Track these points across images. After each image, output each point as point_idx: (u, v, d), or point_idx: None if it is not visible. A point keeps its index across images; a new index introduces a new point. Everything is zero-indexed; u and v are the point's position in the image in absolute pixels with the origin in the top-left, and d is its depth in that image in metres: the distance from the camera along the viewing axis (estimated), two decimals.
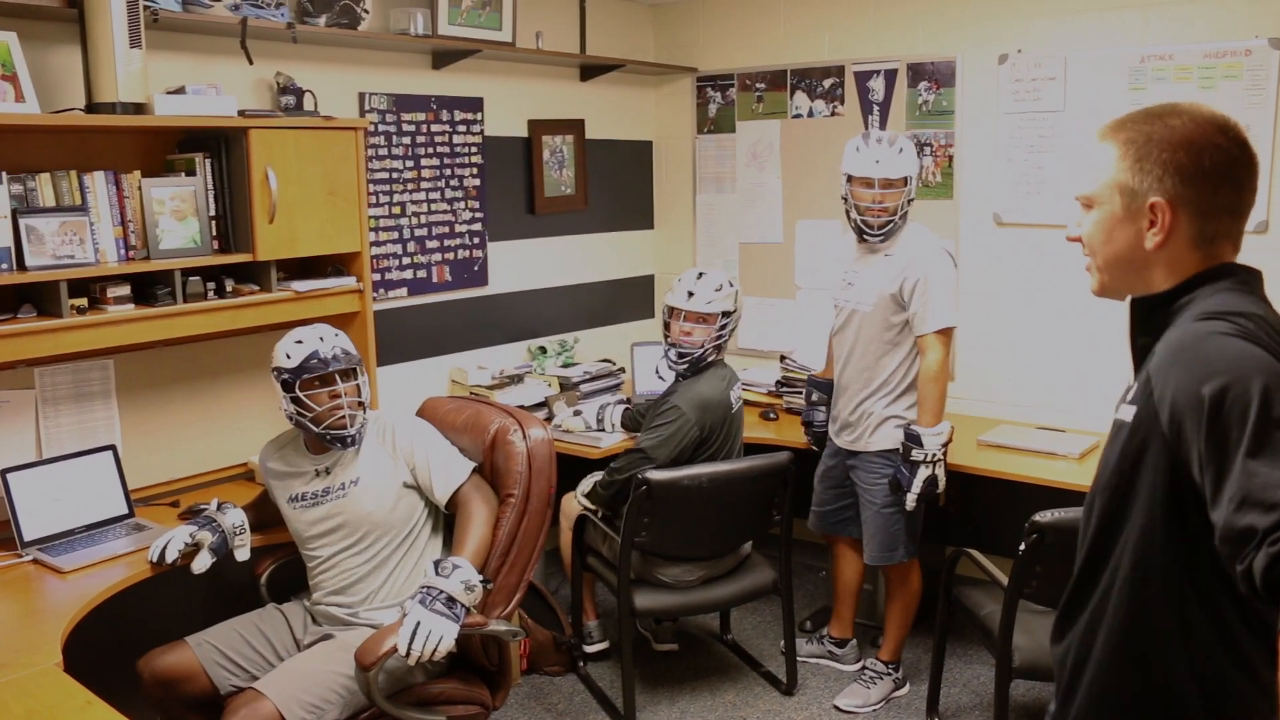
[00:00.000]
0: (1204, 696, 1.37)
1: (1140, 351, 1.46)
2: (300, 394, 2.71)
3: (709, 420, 3.45)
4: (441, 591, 2.47)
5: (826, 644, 3.89)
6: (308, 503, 2.81)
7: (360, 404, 2.79)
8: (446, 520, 2.88)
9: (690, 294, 3.56)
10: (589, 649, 3.87)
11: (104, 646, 2.66)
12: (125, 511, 3.06)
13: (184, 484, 3.34)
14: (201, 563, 2.73)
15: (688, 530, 3.38)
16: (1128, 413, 1.41)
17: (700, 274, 3.62)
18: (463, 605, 2.48)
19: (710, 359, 3.58)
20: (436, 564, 2.55)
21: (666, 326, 3.62)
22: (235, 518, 2.82)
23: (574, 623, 3.86)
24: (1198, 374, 1.26)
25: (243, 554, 2.82)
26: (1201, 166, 1.37)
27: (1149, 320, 1.46)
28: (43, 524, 2.90)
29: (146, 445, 3.30)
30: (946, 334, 3.37)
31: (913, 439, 3.34)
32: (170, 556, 2.71)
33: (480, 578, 2.54)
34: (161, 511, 3.12)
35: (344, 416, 2.73)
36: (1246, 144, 1.40)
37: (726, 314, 3.55)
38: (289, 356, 2.73)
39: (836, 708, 3.58)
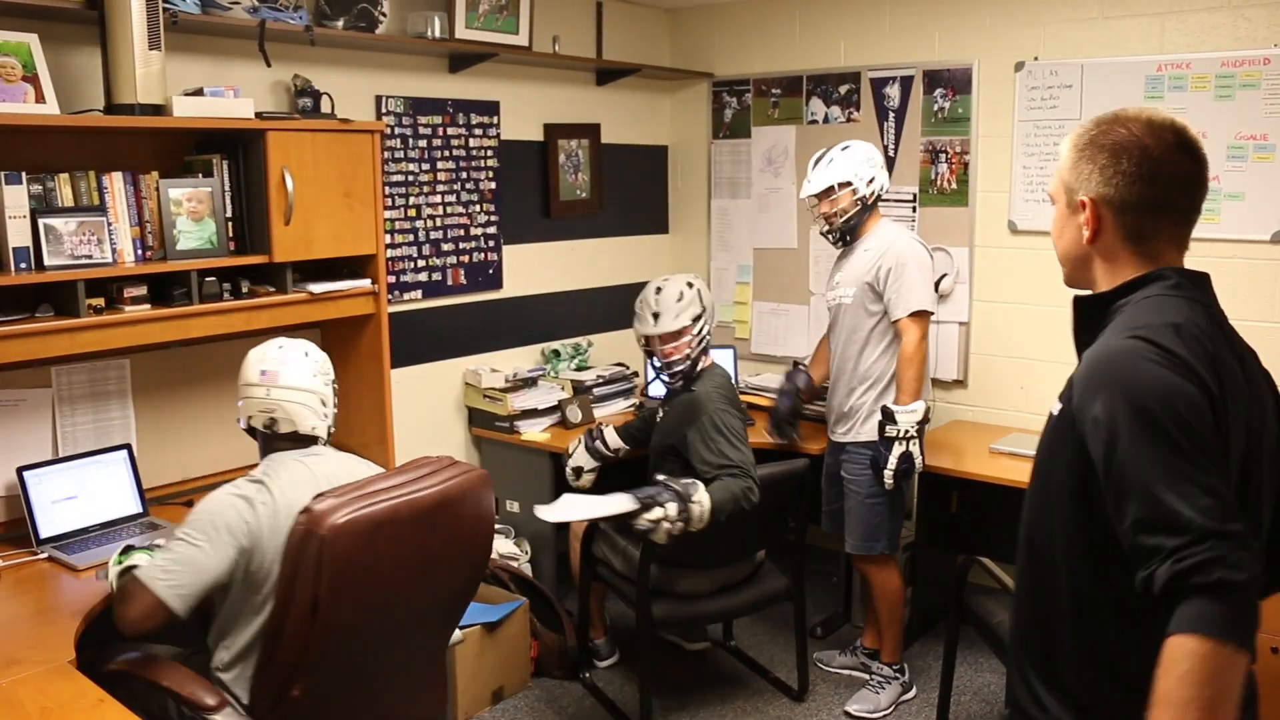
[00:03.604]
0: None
1: (1083, 347, 1.54)
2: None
3: (737, 403, 3.51)
4: None
5: (860, 655, 3.87)
6: None
7: None
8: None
9: (656, 316, 3.48)
10: (601, 664, 3.84)
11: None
12: (140, 510, 3.09)
13: (198, 484, 3.35)
14: None
15: (704, 539, 3.36)
16: (1056, 407, 1.51)
17: (658, 289, 3.52)
18: None
19: (703, 363, 3.55)
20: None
21: (650, 355, 3.60)
22: None
23: (580, 635, 3.78)
24: (1106, 395, 1.35)
25: None
26: (1120, 167, 1.46)
27: (1090, 318, 1.55)
28: (58, 522, 2.92)
29: (161, 445, 3.32)
30: (921, 317, 3.46)
31: (887, 416, 3.42)
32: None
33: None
34: (175, 511, 3.14)
35: None
36: (1181, 147, 1.47)
37: (697, 317, 3.49)
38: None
39: (847, 714, 3.57)
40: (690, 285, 3.52)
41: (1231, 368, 1.41)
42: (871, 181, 3.54)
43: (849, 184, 3.52)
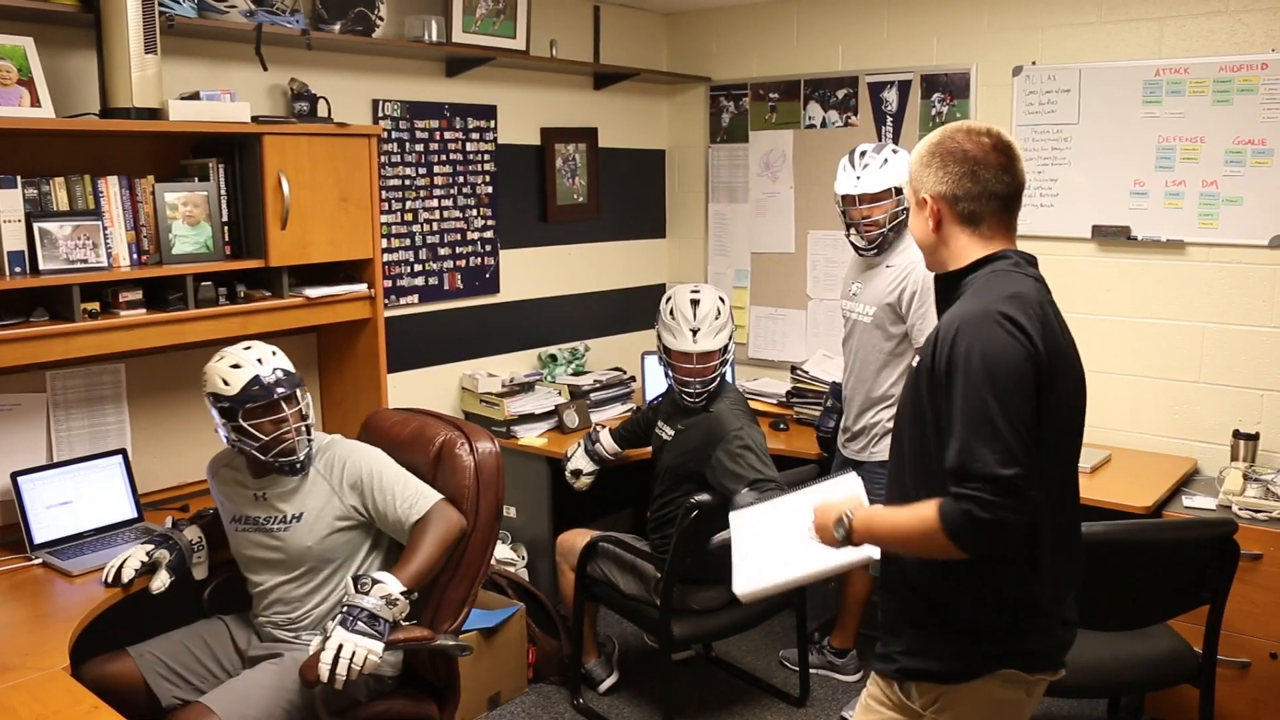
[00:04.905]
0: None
1: (940, 313, 1.93)
2: (244, 423, 2.58)
3: (754, 418, 3.42)
4: (362, 609, 2.36)
5: (827, 654, 3.87)
6: (248, 527, 2.70)
7: (307, 426, 2.68)
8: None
9: (695, 333, 3.35)
10: (601, 689, 3.72)
11: (111, 651, 2.65)
12: (135, 516, 3.07)
13: (193, 489, 3.34)
14: (160, 582, 2.65)
15: (719, 553, 3.31)
16: (915, 360, 1.92)
17: (693, 301, 3.39)
18: (386, 620, 2.37)
19: (723, 381, 3.46)
20: (356, 580, 2.44)
21: (670, 367, 3.44)
22: (191, 535, 2.77)
23: (574, 662, 3.69)
24: (961, 347, 1.75)
25: (200, 572, 2.77)
26: (949, 169, 1.89)
27: (948, 291, 1.94)
28: (52, 528, 2.91)
29: (157, 450, 3.31)
30: None
31: None
32: (126, 576, 2.62)
33: (402, 589, 2.42)
34: (170, 516, 3.12)
35: (291, 443, 2.62)
36: (995, 147, 1.88)
37: (731, 336, 3.44)
38: (227, 383, 2.57)
39: (844, 719, 3.57)
40: (722, 300, 3.44)
41: (1056, 331, 1.84)
42: None
43: (902, 190, 3.32)
